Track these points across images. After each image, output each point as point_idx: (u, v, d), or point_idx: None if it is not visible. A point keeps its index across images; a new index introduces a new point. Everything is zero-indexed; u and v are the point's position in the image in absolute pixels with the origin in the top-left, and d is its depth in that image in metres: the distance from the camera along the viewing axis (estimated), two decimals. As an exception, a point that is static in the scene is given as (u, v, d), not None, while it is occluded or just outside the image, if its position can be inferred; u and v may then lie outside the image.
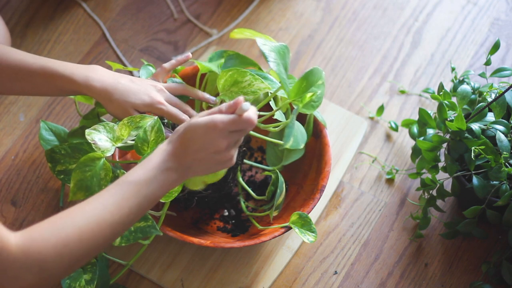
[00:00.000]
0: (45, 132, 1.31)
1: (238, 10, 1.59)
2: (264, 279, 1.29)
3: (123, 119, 1.14)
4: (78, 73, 1.17)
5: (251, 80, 1.17)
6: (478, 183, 1.21)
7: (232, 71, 1.18)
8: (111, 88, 1.18)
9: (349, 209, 1.38)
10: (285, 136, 1.13)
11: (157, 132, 1.13)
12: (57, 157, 1.17)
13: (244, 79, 1.18)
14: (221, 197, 1.29)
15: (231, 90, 1.19)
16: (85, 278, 1.17)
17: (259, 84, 1.17)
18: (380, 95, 1.50)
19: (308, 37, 1.57)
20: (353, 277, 1.32)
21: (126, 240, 1.14)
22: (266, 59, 1.11)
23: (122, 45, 1.54)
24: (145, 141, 1.12)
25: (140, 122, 1.13)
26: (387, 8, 1.61)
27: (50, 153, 1.17)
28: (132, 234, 1.14)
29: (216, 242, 1.21)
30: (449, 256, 1.34)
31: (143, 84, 1.20)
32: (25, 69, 1.17)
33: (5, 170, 1.39)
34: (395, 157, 1.43)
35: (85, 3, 1.58)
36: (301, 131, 1.19)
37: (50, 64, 1.17)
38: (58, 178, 1.18)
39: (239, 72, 1.17)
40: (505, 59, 1.54)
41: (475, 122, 1.24)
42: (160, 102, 1.18)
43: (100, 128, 1.13)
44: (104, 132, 1.13)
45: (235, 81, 1.18)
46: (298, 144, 1.16)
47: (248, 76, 1.17)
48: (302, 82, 1.14)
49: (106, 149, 1.11)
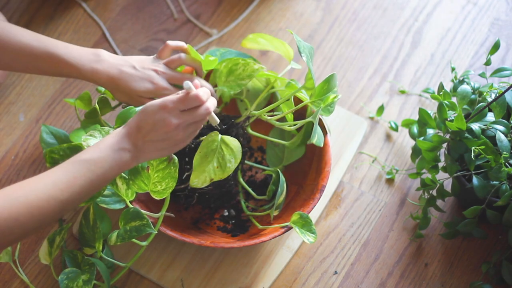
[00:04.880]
0: (46, 135, 1.32)
1: (238, 10, 1.59)
2: (264, 279, 1.29)
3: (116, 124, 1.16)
4: (84, 63, 1.18)
5: (244, 65, 1.23)
6: (478, 183, 1.21)
7: (226, 61, 1.23)
8: (116, 78, 1.19)
9: (349, 209, 1.38)
10: (312, 133, 1.19)
11: None
12: (56, 158, 1.18)
13: (238, 66, 1.23)
14: (222, 194, 1.30)
15: (228, 80, 1.24)
16: (82, 278, 1.17)
17: (252, 67, 1.22)
18: (380, 95, 1.50)
19: (308, 37, 1.57)
20: (353, 277, 1.32)
21: (121, 239, 1.16)
22: (300, 53, 1.17)
23: (122, 45, 1.54)
24: None
25: None
26: (387, 8, 1.61)
27: (49, 154, 1.18)
28: (127, 233, 1.16)
29: (216, 242, 1.21)
30: (449, 256, 1.34)
31: (146, 70, 1.21)
32: (29, 52, 1.17)
33: (5, 170, 1.39)
34: (395, 157, 1.43)
35: (85, 3, 1.58)
36: (319, 130, 1.24)
37: (56, 49, 1.18)
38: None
39: (231, 60, 1.23)
40: (505, 59, 1.54)
41: (475, 122, 1.24)
42: (164, 88, 1.20)
43: (96, 134, 1.15)
44: (99, 137, 1.14)
45: (230, 69, 1.24)
46: (320, 142, 1.23)
47: (241, 62, 1.23)
48: (325, 85, 1.20)
49: None
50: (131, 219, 1.16)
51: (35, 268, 1.29)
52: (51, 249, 1.22)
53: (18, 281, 1.28)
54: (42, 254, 1.23)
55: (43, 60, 1.18)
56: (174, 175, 1.16)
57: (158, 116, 1.05)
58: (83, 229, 1.21)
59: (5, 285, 1.28)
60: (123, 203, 1.19)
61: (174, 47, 1.25)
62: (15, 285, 1.28)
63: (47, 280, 1.28)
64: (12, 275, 1.29)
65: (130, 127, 1.06)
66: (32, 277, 1.29)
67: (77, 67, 1.18)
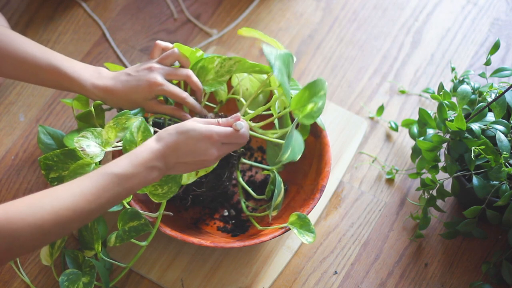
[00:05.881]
0: (43, 136, 1.31)
1: (238, 10, 1.59)
2: (264, 279, 1.29)
3: (109, 122, 1.16)
4: (85, 78, 1.19)
5: (220, 62, 1.23)
6: (478, 183, 1.21)
7: (201, 61, 1.24)
8: (111, 88, 1.20)
9: (349, 209, 1.38)
10: (283, 147, 1.13)
11: (144, 132, 1.14)
12: (50, 164, 1.18)
13: (215, 63, 1.23)
14: (216, 195, 1.29)
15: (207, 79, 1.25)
16: (83, 280, 1.17)
17: (229, 62, 1.22)
18: (380, 95, 1.50)
19: (308, 37, 1.57)
20: (353, 277, 1.32)
21: (120, 240, 1.16)
22: (271, 68, 1.11)
23: (122, 45, 1.54)
24: (133, 142, 1.14)
25: (126, 123, 1.15)
26: (387, 8, 1.61)
27: (44, 161, 1.18)
28: (126, 234, 1.16)
29: (216, 242, 1.21)
30: (449, 256, 1.34)
31: (140, 72, 1.20)
32: (32, 62, 1.18)
33: (5, 170, 1.39)
34: (395, 157, 1.43)
35: (85, 3, 1.58)
36: (299, 142, 1.19)
37: (59, 62, 1.19)
38: (51, 185, 1.20)
39: (207, 59, 1.23)
40: (505, 59, 1.54)
41: (475, 122, 1.24)
42: (158, 83, 1.19)
43: (88, 135, 1.14)
44: (92, 138, 1.14)
45: (206, 68, 1.24)
46: (295, 156, 1.16)
47: (217, 60, 1.23)
48: (304, 93, 1.14)
49: (95, 154, 1.12)
50: (130, 219, 1.16)
51: (35, 268, 1.29)
52: (52, 250, 1.22)
53: (18, 281, 1.28)
54: (43, 255, 1.23)
55: (46, 72, 1.18)
56: (178, 180, 1.16)
57: (201, 144, 1.06)
58: (83, 231, 1.21)
59: (5, 285, 1.28)
60: (120, 205, 1.19)
61: (164, 47, 1.25)
62: (15, 285, 1.28)
63: (47, 280, 1.28)
64: (12, 275, 1.29)
65: (167, 146, 1.05)
66: (32, 277, 1.29)
67: (78, 81, 1.19)
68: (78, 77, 1.19)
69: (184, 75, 1.22)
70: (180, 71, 1.22)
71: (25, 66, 1.18)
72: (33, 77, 1.20)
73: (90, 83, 1.20)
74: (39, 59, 1.18)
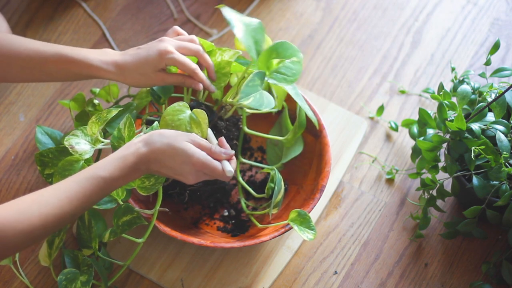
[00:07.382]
0: (41, 136, 1.33)
1: (238, 10, 1.59)
2: (264, 279, 1.29)
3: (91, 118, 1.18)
4: (92, 57, 1.19)
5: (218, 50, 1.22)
6: (478, 183, 1.21)
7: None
8: (121, 62, 1.19)
9: (349, 209, 1.38)
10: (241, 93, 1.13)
11: (129, 127, 1.16)
12: (45, 160, 1.23)
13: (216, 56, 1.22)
14: (214, 191, 1.29)
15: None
16: (81, 279, 1.18)
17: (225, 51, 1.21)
18: (380, 95, 1.50)
19: (308, 37, 1.57)
20: (353, 277, 1.32)
21: (113, 235, 1.19)
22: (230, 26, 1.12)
23: (122, 45, 1.54)
24: (121, 138, 1.16)
25: (106, 116, 1.17)
26: (387, 8, 1.61)
27: (40, 157, 1.22)
28: (119, 228, 1.19)
29: (216, 242, 1.21)
30: (449, 256, 1.34)
31: (149, 44, 1.20)
32: (38, 57, 1.18)
33: (5, 170, 1.39)
34: (395, 157, 1.43)
35: (85, 3, 1.58)
36: (266, 96, 1.17)
37: (63, 50, 1.19)
38: (47, 181, 1.23)
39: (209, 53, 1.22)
40: (505, 59, 1.54)
41: (475, 122, 1.24)
42: (168, 51, 1.18)
43: (78, 133, 1.18)
44: (82, 136, 1.18)
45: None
46: (259, 105, 1.15)
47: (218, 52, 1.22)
48: (272, 53, 1.15)
49: (84, 151, 1.16)
50: (123, 214, 1.19)
51: (35, 269, 1.29)
52: (50, 251, 1.22)
53: (18, 281, 1.28)
54: (42, 256, 1.23)
55: (52, 62, 1.18)
56: None
57: (184, 166, 1.10)
58: (80, 230, 1.22)
59: (5, 285, 1.28)
60: (114, 203, 1.20)
61: (180, 32, 1.25)
62: (15, 285, 1.28)
63: (47, 280, 1.28)
64: (12, 275, 1.29)
65: (153, 153, 1.09)
66: (32, 278, 1.29)
67: (86, 62, 1.18)
68: (85, 57, 1.19)
69: (195, 49, 1.21)
70: (191, 45, 1.21)
71: (32, 63, 1.18)
72: (40, 73, 1.20)
73: (98, 60, 1.19)
74: (44, 51, 1.18)
